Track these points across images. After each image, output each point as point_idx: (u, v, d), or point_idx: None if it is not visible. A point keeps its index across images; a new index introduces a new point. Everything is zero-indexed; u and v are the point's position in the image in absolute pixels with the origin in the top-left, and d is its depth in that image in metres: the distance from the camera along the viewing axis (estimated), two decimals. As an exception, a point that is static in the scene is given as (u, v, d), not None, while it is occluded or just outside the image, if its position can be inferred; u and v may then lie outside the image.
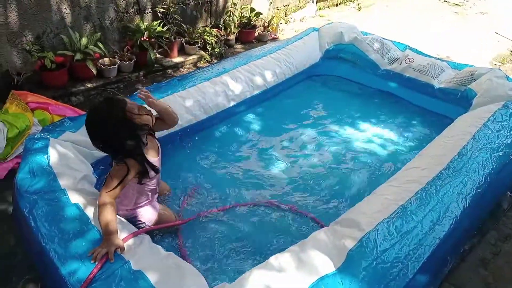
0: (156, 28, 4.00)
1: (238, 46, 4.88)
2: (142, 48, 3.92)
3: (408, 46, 3.91)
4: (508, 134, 2.57)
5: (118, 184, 1.79)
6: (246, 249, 2.17)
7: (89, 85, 3.66)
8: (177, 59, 4.29)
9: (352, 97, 3.80)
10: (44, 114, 3.00)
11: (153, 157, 1.97)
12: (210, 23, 4.74)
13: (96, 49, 3.62)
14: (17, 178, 2.02)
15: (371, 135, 3.25)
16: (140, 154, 1.86)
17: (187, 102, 2.92)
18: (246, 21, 4.86)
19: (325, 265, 1.66)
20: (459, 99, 3.33)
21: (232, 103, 3.18)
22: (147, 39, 3.95)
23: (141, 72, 3.98)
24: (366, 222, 1.88)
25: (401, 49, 3.85)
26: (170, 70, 4.20)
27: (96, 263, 1.62)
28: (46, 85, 3.52)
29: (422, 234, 1.85)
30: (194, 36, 4.36)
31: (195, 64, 4.38)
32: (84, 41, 3.61)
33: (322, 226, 2.26)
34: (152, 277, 1.61)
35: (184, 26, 4.34)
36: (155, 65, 4.10)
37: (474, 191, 2.15)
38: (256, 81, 3.35)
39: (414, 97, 3.67)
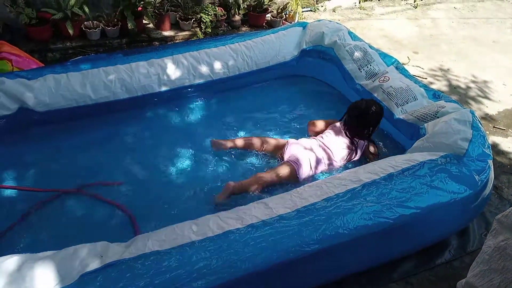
0: (146, -3, 4.00)
1: (245, 29, 4.66)
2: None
3: (398, 62, 3.34)
4: (405, 199, 2.08)
5: None
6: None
7: (68, 44, 3.87)
8: (168, 33, 4.26)
9: (320, 104, 3.45)
10: (4, 65, 3.27)
11: None
12: (219, 0, 4.57)
13: (79, 12, 3.78)
14: None
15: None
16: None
17: (109, 77, 2.94)
18: (255, 3, 4.57)
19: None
20: (414, 136, 2.79)
21: (163, 88, 3.11)
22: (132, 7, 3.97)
23: (124, 40, 4.07)
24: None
25: (387, 64, 3.31)
26: (157, 43, 4.21)
27: None
28: (30, 38, 3.80)
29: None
30: (188, 11, 4.26)
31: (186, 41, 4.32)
32: (72, 1, 3.78)
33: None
34: None
35: (180, -1, 4.27)
36: (142, 35, 4.15)
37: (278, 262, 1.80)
38: (200, 69, 3.20)
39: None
